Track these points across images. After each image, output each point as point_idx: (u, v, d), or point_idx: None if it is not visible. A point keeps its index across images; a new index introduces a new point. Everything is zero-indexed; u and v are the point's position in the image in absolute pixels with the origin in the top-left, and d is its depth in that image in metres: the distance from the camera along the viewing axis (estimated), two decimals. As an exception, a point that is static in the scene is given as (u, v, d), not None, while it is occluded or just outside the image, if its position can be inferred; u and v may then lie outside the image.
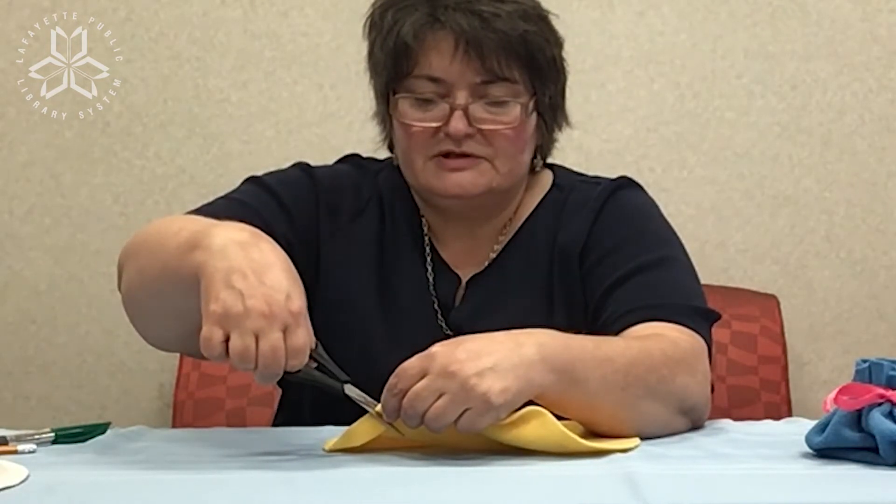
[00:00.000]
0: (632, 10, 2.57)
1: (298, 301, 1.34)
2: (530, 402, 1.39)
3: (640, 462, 1.36)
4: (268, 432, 1.58)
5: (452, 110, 1.62)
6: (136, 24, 2.60)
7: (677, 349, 1.53)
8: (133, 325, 1.56)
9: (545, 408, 1.40)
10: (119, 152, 2.61)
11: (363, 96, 1.80)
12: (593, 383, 1.43)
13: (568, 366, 1.41)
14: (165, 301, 1.46)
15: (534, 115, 1.67)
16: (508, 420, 1.37)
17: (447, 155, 1.64)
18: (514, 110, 1.64)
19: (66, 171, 2.61)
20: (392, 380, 1.36)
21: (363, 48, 1.73)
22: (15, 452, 1.42)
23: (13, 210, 2.62)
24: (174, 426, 2.35)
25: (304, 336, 1.33)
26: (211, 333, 1.31)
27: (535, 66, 1.65)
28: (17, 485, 1.27)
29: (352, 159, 1.81)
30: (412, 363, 1.36)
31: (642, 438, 1.46)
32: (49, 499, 1.23)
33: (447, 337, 1.55)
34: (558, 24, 1.69)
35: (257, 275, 1.33)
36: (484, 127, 1.63)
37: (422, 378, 1.34)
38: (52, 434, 1.48)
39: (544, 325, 1.46)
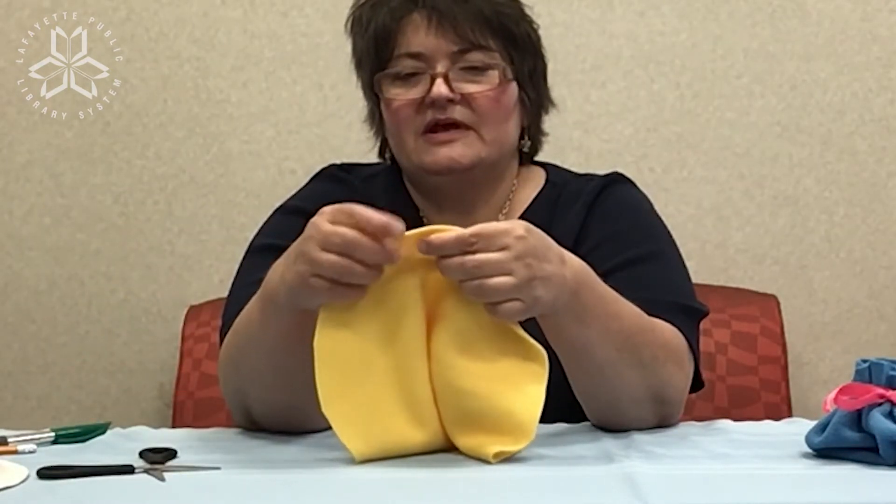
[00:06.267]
0: (632, 10, 2.57)
1: None
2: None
3: (640, 462, 1.36)
4: (268, 433, 1.58)
5: (434, 79, 1.68)
6: (136, 24, 2.59)
7: (675, 339, 1.57)
8: (251, 411, 1.56)
9: (547, 329, 1.44)
10: (119, 152, 2.61)
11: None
12: (595, 331, 1.46)
13: (583, 306, 1.45)
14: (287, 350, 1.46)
15: (514, 86, 1.72)
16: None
17: (434, 129, 1.68)
18: (493, 75, 1.70)
19: (66, 171, 2.61)
20: (470, 237, 1.37)
21: (359, 50, 1.74)
22: (15, 452, 1.42)
23: (13, 210, 2.62)
24: (174, 426, 2.34)
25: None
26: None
27: (509, 37, 1.71)
28: (17, 485, 1.27)
29: (326, 173, 1.82)
30: (498, 229, 1.37)
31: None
32: (49, 499, 1.24)
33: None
34: (558, 24, 1.69)
35: None
36: (465, 91, 1.68)
37: (500, 251, 1.36)
38: (52, 434, 1.49)
39: None
